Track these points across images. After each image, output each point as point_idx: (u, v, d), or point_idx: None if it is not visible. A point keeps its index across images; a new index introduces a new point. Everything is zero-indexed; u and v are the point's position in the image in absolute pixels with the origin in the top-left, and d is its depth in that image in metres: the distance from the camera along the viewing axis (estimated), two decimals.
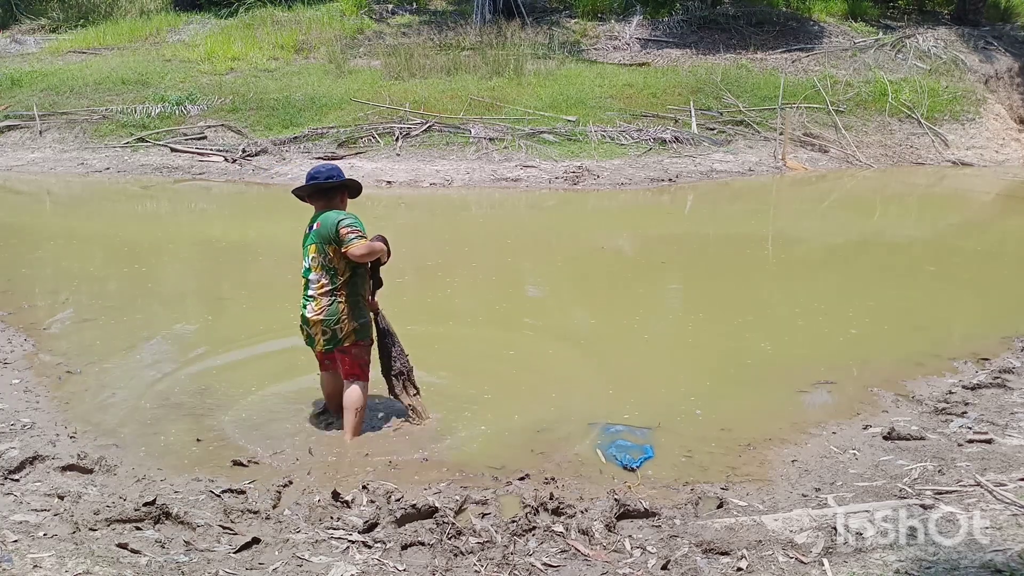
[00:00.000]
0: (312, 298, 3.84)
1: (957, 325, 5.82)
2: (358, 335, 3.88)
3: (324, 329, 3.82)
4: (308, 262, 3.84)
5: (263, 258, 7.76)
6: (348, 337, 3.85)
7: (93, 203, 10.99)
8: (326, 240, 3.76)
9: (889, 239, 9.09)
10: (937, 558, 2.65)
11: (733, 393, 4.51)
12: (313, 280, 3.83)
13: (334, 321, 3.80)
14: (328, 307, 3.80)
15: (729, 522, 3.04)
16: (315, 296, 3.82)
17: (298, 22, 17.05)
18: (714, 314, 6.10)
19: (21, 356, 4.95)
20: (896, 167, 12.71)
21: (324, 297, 3.80)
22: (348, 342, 3.86)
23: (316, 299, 3.82)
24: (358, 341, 3.89)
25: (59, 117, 13.46)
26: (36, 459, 3.46)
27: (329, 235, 3.74)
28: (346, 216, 3.79)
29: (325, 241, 3.76)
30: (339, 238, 3.71)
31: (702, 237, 9.00)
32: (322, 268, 3.79)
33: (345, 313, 3.81)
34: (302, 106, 13.28)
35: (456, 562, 2.85)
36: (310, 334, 3.90)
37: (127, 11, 19.14)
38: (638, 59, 15.32)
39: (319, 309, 3.80)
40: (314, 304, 3.82)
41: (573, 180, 11.16)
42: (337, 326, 3.81)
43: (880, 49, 15.36)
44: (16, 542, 2.69)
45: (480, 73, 14.25)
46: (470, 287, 6.71)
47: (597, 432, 4.02)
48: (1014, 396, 4.32)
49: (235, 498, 3.26)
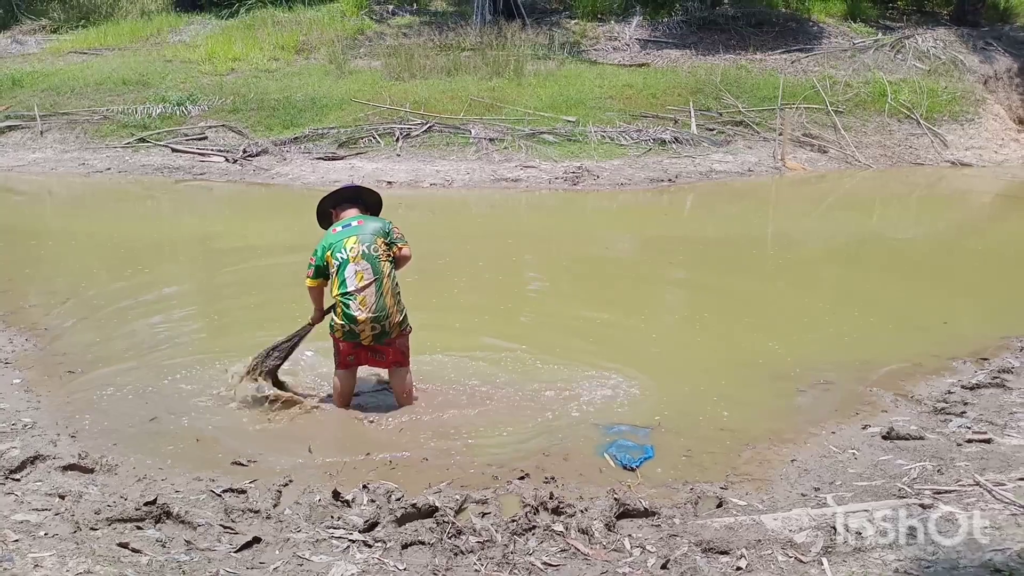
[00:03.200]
0: (353, 295, 3.91)
1: (956, 325, 5.82)
2: (402, 325, 4.08)
3: (374, 326, 3.96)
4: (345, 253, 3.95)
5: (264, 258, 7.76)
6: (395, 329, 4.03)
7: (94, 203, 11.00)
8: (374, 233, 4.00)
9: (888, 239, 9.09)
10: (936, 558, 2.65)
11: (733, 393, 4.51)
12: (350, 274, 3.92)
13: (384, 316, 3.95)
14: (378, 301, 3.93)
15: (728, 521, 3.05)
16: (355, 292, 3.91)
17: (299, 23, 17.04)
18: (714, 314, 6.11)
19: (22, 356, 4.96)
20: (895, 167, 12.71)
21: (369, 289, 3.91)
22: (395, 333, 4.04)
23: (361, 295, 3.91)
24: (403, 331, 4.10)
25: (60, 117, 13.45)
26: (37, 459, 3.47)
27: (378, 229, 4.02)
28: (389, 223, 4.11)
29: (373, 233, 3.99)
30: (392, 234, 4.03)
31: (701, 237, 9.00)
32: (364, 257, 3.94)
33: (392, 307, 3.98)
34: (303, 106, 13.28)
35: (456, 561, 2.85)
36: (354, 330, 3.97)
37: (128, 12, 19.13)
38: (638, 60, 15.33)
39: (366, 306, 3.91)
40: (358, 301, 3.91)
41: (573, 180, 11.17)
42: (388, 320, 3.98)
43: (879, 50, 15.36)
44: (17, 542, 2.70)
45: (480, 74, 14.25)
46: (470, 287, 6.72)
47: (598, 432, 4.03)
48: (1013, 396, 4.33)
49: (236, 497, 3.26)
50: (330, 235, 4.07)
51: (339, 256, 3.95)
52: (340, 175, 11.37)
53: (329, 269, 4.01)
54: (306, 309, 4.32)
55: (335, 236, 4.03)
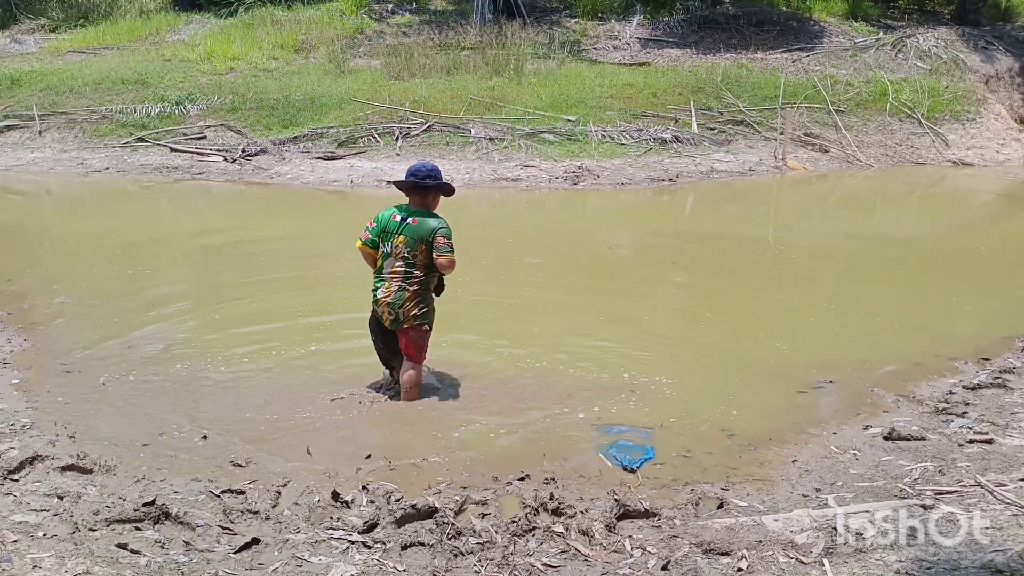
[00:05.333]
0: (384, 280, 4.26)
1: (958, 325, 5.82)
2: (417, 320, 4.27)
3: (390, 310, 4.25)
4: (390, 248, 4.24)
5: (263, 257, 7.75)
6: (408, 320, 4.26)
7: (93, 203, 10.98)
8: (420, 239, 4.20)
9: (889, 239, 9.08)
10: (937, 558, 2.65)
11: (733, 393, 4.50)
12: (387, 265, 4.26)
13: (398, 305, 4.23)
14: (396, 292, 4.23)
15: (729, 522, 3.04)
16: (387, 279, 4.25)
17: (298, 22, 17.04)
18: (714, 314, 6.10)
19: (20, 356, 4.95)
20: (896, 167, 12.71)
21: (395, 282, 4.23)
22: (408, 325, 4.27)
23: (387, 282, 4.25)
24: (416, 325, 4.28)
25: (59, 117, 13.45)
26: (36, 459, 3.45)
27: (424, 237, 4.19)
28: (445, 226, 4.24)
29: (419, 240, 4.20)
30: (434, 243, 4.19)
31: (701, 237, 8.99)
32: (403, 259, 4.22)
33: (409, 300, 4.23)
34: (302, 106, 13.28)
35: (456, 562, 2.84)
36: (377, 311, 4.33)
37: (127, 11, 19.14)
38: (638, 59, 15.32)
39: (388, 292, 4.24)
40: (385, 286, 4.26)
41: (573, 180, 11.16)
42: (401, 309, 4.23)
43: (880, 49, 15.36)
44: (16, 542, 2.69)
45: (480, 73, 14.24)
46: (470, 287, 6.71)
47: (598, 432, 4.02)
48: (1015, 396, 4.32)
49: (235, 498, 3.25)
50: (390, 220, 4.26)
51: (386, 247, 4.27)
52: (339, 175, 11.38)
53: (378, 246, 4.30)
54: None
55: (392, 224, 4.25)
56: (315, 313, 5.80)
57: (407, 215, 4.25)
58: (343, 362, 4.89)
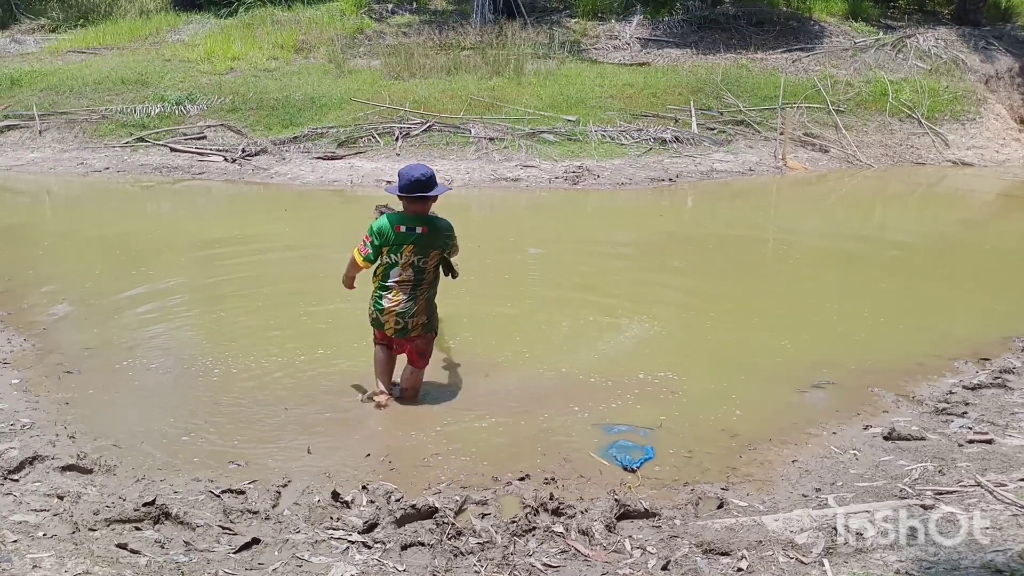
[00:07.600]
0: (390, 289, 4.19)
1: (957, 325, 5.81)
2: (425, 328, 4.27)
3: (398, 320, 4.20)
4: (398, 258, 4.15)
5: (263, 257, 7.74)
6: (416, 329, 4.24)
7: (93, 203, 10.97)
8: (433, 246, 4.17)
9: (889, 239, 9.07)
10: (937, 558, 2.65)
11: (734, 393, 4.50)
12: (393, 274, 4.19)
13: (408, 314, 4.19)
14: (406, 302, 4.18)
15: (729, 522, 3.04)
16: (393, 288, 4.19)
17: (298, 22, 17.03)
18: (715, 315, 6.09)
19: (20, 356, 4.95)
20: (896, 167, 12.70)
21: (403, 291, 4.18)
22: (415, 333, 4.25)
23: (394, 291, 4.18)
24: (424, 333, 4.29)
25: (59, 117, 13.44)
26: (36, 459, 3.46)
27: (437, 243, 4.19)
28: (452, 228, 4.28)
29: (431, 247, 4.17)
30: (448, 247, 4.23)
31: (701, 237, 8.99)
32: (412, 267, 4.17)
33: (419, 310, 4.21)
34: (302, 106, 13.27)
35: (456, 562, 2.84)
36: (380, 319, 4.23)
37: (127, 11, 19.11)
38: (638, 59, 15.31)
39: (396, 302, 4.18)
40: (392, 295, 4.19)
41: (573, 180, 11.15)
42: (411, 319, 4.20)
43: (880, 49, 15.35)
44: (16, 542, 2.69)
45: (480, 73, 14.23)
46: (470, 286, 6.70)
47: (598, 432, 4.02)
48: (1014, 396, 4.32)
49: (235, 498, 3.25)
50: (394, 231, 4.14)
51: (393, 257, 4.17)
52: (339, 175, 11.37)
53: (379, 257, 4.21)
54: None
55: (397, 236, 4.13)
56: (316, 313, 5.80)
57: (412, 224, 4.14)
58: (344, 362, 4.88)
